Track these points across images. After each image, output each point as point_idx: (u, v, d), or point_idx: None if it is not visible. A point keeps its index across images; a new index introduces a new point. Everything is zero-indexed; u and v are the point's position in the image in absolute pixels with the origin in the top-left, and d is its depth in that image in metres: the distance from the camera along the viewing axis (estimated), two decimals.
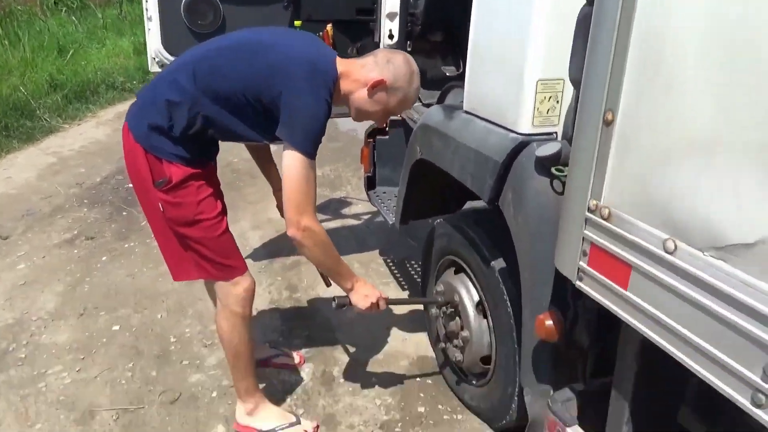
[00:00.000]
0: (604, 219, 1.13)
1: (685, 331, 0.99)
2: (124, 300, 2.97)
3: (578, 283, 1.23)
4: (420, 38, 2.96)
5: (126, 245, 3.57)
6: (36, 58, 7.53)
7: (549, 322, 1.46)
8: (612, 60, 1.06)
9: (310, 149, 1.67)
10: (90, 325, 2.76)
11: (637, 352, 1.21)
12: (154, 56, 2.53)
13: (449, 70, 3.06)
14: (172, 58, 2.48)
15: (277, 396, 2.27)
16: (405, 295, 3.07)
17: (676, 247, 0.98)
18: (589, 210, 1.17)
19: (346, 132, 5.63)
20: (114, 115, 6.53)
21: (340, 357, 2.53)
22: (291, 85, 1.65)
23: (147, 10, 2.46)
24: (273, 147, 2.17)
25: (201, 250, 1.85)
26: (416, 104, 2.97)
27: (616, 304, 1.13)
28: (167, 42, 2.49)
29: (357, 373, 2.42)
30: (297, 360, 2.47)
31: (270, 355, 2.46)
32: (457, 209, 2.66)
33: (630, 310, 1.10)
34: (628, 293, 1.10)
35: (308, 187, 1.69)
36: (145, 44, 2.60)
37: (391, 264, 3.40)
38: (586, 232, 1.18)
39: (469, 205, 2.66)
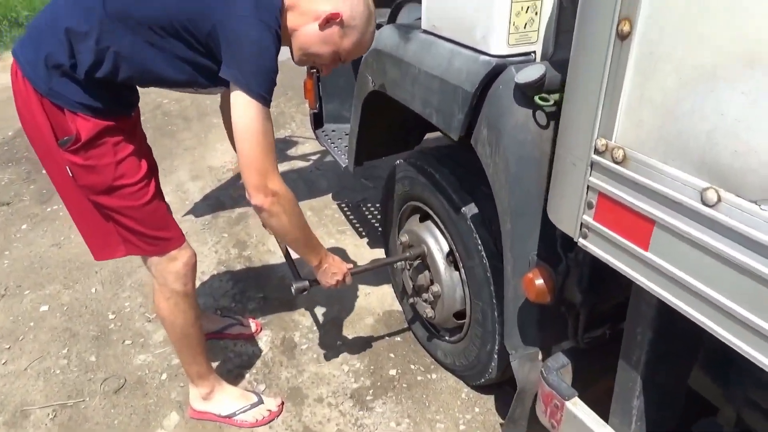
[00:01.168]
0: (617, 163, 0.88)
1: (728, 301, 0.77)
2: (51, 274, 2.62)
3: (581, 241, 1.00)
4: None
5: (48, 209, 3.17)
6: None
7: (539, 281, 1.24)
8: None
9: (264, 92, 1.32)
10: (13, 306, 2.42)
11: (652, 320, 1.01)
12: None
13: None
14: None
15: (234, 372, 2.04)
16: (365, 243, 2.83)
17: (719, 198, 0.75)
18: (596, 151, 0.92)
19: (286, 61, 5.15)
20: None
21: (300, 320, 2.30)
22: (232, 11, 1.29)
23: None
24: None
25: (125, 221, 1.52)
26: None
27: (633, 267, 0.91)
28: None
29: (320, 337, 2.21)
30: (253, 328, 2.22)
31: (223, 326, 2.20)
32: (417, 143, 2.39)
33: (651, 275, 0.88)
34: (649, 254, 0.87)
35: (268, 143, 1.36)
36: None
37: (346, 209, 3.14)
38: (591, 179, 0.94)
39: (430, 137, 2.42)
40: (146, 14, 1.32)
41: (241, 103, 1.31)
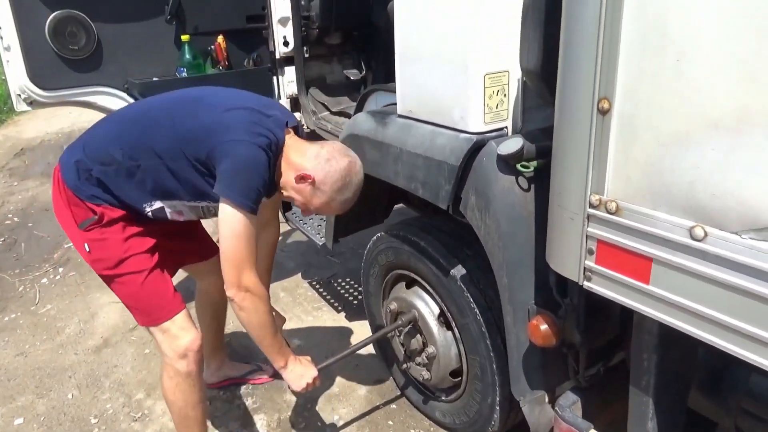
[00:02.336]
0: (611, 213, 1.06)
1: (723, 316, 0.93)
2: (20, 385, 2.49)
3: (586, 284, 1.15)
4: (317, 43, 2.81)
5: (6, 318, 3.04)
6: None
7: (544, 327, 1.38)
8: (601, 42, 0.98)
9: (248, 202, 1.48)
10: None
11: (656, 346, 1.16)
12: (19, 93, 2.13)
13: (352, 74, 2.94)
14: (42, 92, 2.11)
15: None
16: (343, 317, 2.89)
17: (705, 233, 0.92)
18: (591, 205, 1.09)
19: None
20: None
21: (292, 400, 2.30)
22: (228, 137, 1.50)
23: (2, 39, 2.05)
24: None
25: (123, 292, 1.69)
26: (325, 113, 2.82)
27: (637, 300, 1.07)
28: (34, 74, 2.10)
29: (315, 414, 2.22)
30: (272, 371, 2.36)
31: (246, 372, 2.40)
32: (385, 217, 2.54)
33: (654, 304, 1.04)
34: (651, 287, 1.03)
35: (248, 245, 1.52)
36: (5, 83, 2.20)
37: (317, 286, 3.20)
38: (589, 229, 1.10)
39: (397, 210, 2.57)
40: (157, 145, 1.57)
41: (227, 209, 1.48)
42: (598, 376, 1.59)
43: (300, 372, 1.71)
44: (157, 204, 1.66)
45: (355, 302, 2.99)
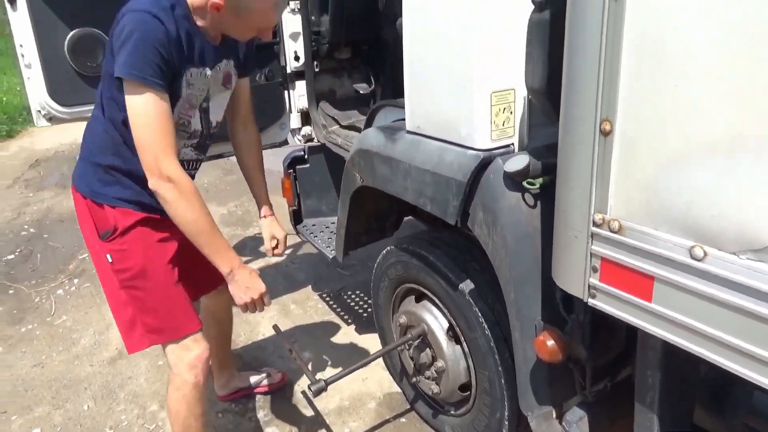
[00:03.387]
0: (615, 232, 1.08)
1: (726, 336, 0.95)
2: (37, 396, 2.54)
3: (591, 301, 1.17)
4: (327, 57, 2.86)
5: (23, 329, 3.10)
6: None
7: (551, 342, 1.40)
8: (603, 66, 1.01)
9: (135, 70, 1.36)
10: None
11: (659, 362, 1.17)
12: (39, 109, 2.20)
13: (362, 88, 2.98)
14: (62, 109, 2.17)
15: None
16: (353, 330, 2.91)
17: (705, 253, 0.94)
18: (595, 224, 1.11)
19: None
20: None
21: (303, 413, 2.33)
22: (115, 31, 1.43)
23: (23, 56, 2.12)
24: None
25: (147, 304, 1.65)
26: (335, 127, 2.86)
27: (640, 317, 1.08)
28: (54, 91, 2.17)
29: (326, 427, 2.24)
30: (278, 378, 2.47)
31: (254, 383, 2.43)
32: (394, 231, 2.57)
33: (656, 322, 1.06)
34: (653, 305, 1.05)
35: (160, 126, 1.41)
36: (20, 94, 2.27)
37: (327, 299, 3.23)
38: (594, 247, 1.12)
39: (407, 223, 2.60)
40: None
41: (127, 89, 1.39)
42: (605, 391, 1.60)
43: (247, 283, 1.56)
44: None
45: (365, 315, 3.01)
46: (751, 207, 0.87)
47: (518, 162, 1.43)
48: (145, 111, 1.40)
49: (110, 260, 1.63)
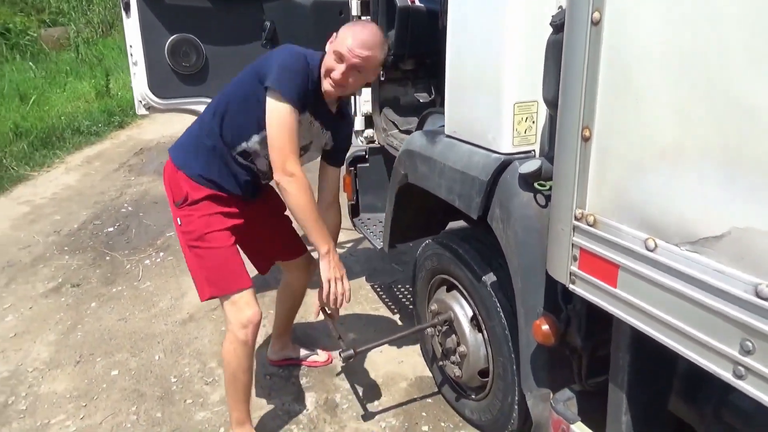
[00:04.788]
0: (591, 225, 1.24)
1: (671, 318, 1.09)
2: (119, 344, 2.97)
3: (571, 286, 1.34)
4: (392, 67, 3.11)
5: (114, 290, 3.57)
6: None
7: (545, 327, 1.56)
8: (585, 82, 1.19)
9: (293, 96, 1.77)
10: (88, 371, 2.75)
11: (629, 345, 1.31)
12: (140, 99, 2.61)
13: (422, 97, 3.21)
14: (158, 100, 2.56)
15: (283, 428, 2.31)
16: (397, 319, 3.14)
17: (656, 244, 1.10)
18: (576, 218, 1.28)
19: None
20: (82, 160, 6.52)
21: (340, 384, 2.58)
22: (272, 58, 1.86)
23: (132, 55, 2.54)
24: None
25: (203, 259, 1.98)
26: (394, 131, 3.11)
27: (608, 302, 1.24)
28: (153, 84, 2.57)
29: (359, 399, 2.48)
30: (325, 357, 2.73)
31: (304, 355, 2.71)
32: (440, 230, 2.77)
33: (621, 306, 1.21)
34: (617, 290, 1.20)
35: (291, 135, 1.79)
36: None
37: (378, 290, 3.47)
38: (575, 238, 1.29)
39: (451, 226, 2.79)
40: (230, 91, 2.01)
41: (273, 100, 1.79)
42: (606, 383, 1.72)
43: (335, 264, 1.95)
44: (255, 138, 1.96)
45: (411, 307, 3.22)
46: (690, 205, 1.02)
47: (531, 165, 1.61)
48: (285, 121, 1.78)
49: (179, 223, 2.00)
